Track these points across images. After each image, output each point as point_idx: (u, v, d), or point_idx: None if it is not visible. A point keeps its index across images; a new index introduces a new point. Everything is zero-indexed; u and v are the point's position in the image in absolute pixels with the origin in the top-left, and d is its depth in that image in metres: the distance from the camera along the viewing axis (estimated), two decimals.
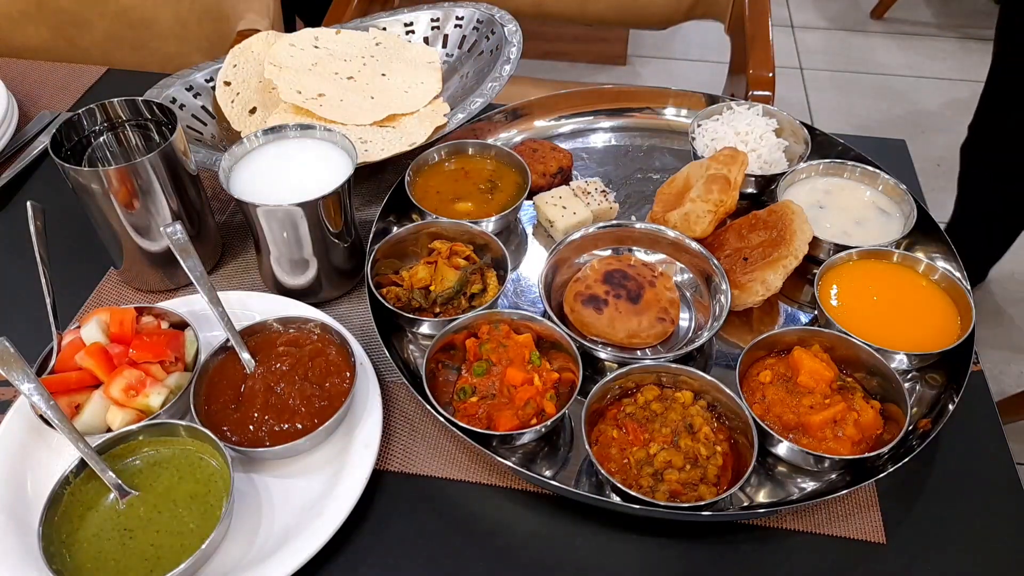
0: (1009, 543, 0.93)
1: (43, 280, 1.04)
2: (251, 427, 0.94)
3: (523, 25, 1.46)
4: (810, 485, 0.96)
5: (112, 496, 0.88)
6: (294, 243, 1.08)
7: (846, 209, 1.27)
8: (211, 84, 1.41)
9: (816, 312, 1.13)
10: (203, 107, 1.39)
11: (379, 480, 0.98)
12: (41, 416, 0.92)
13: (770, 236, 1.14)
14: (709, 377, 0.98)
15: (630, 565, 0.92)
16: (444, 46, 1.52)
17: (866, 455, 0.92)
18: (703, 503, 0.88)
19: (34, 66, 1.71)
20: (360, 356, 1.04)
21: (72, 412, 0.94)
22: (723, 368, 1.09)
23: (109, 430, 0.94)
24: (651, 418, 0.96)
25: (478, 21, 1.50)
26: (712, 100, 1.47)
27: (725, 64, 2.09)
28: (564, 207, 1.26)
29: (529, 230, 1.30)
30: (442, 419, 0.96)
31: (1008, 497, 0.98)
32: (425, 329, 1.10)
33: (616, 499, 0.90)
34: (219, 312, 1.00)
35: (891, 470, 0.92)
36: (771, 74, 1.75)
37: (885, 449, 0.93)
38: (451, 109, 1.34)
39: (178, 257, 1.00)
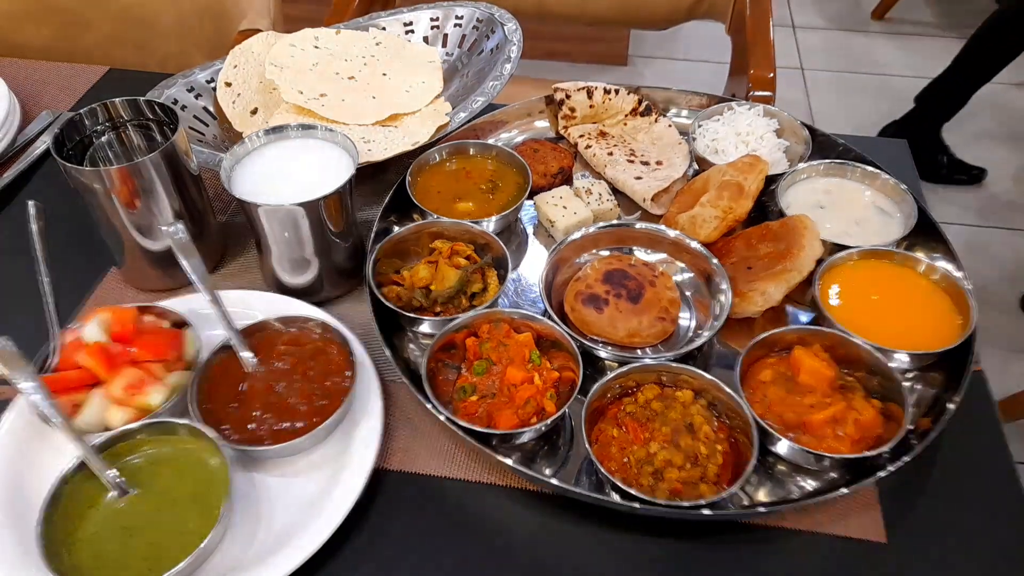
0: (1009, 543, 0.93)
1: (44, 279, 1.04)
2: (251, 426, 0.95)
3: (523, 25, 1.46)
4: (810, 484, 0.96)
5: (112, 495, 0.88)
6: (295, 243, 1.08)
7: (847, 209, 1.27)
8: (212, 85, 1.41)
9: (817, 312, 1.13)
10: (205, 108, 1.40)
11: (379, 479, 0.98)
12: (41, 415, 0.92)
13: (778, 248, 1.14)
14: (709, 376, 0.98)
15: (630, 564, 0.92)
16: (444, 45, 1.53)
17: (866, 454, 0.92)
18: (703, 502, 0.88)
19: (36, 66, 1.71)
20: (360, 355, 1.04)
21: (72, 411, 0.94)
22: (723, 367, 1.09)
23: (109, 429, 0.94)
24: (651, 417, 0.96)
25: (478, 20, 1.50)
26: (713, 100, 1.47)
27: (726, 64, 2.09)
28: (565, 207, 1.26)
29: (530, 230, 1.30)
30: (442, 418, 0.96)
31: (1008, 497, 0.97)
32: (425, 328, 1.10)
33: (616, 498, 0.90)
34: (220, 311, 1.00)
35: (891, 469, 0.92)
36: (772, 74, 1.75)
37: (885, 448, 0.93)
38: (452, 108, 1.34)
39: (179, 257, 1.00)
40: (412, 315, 1.08)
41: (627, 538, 0.94)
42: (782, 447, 0.95)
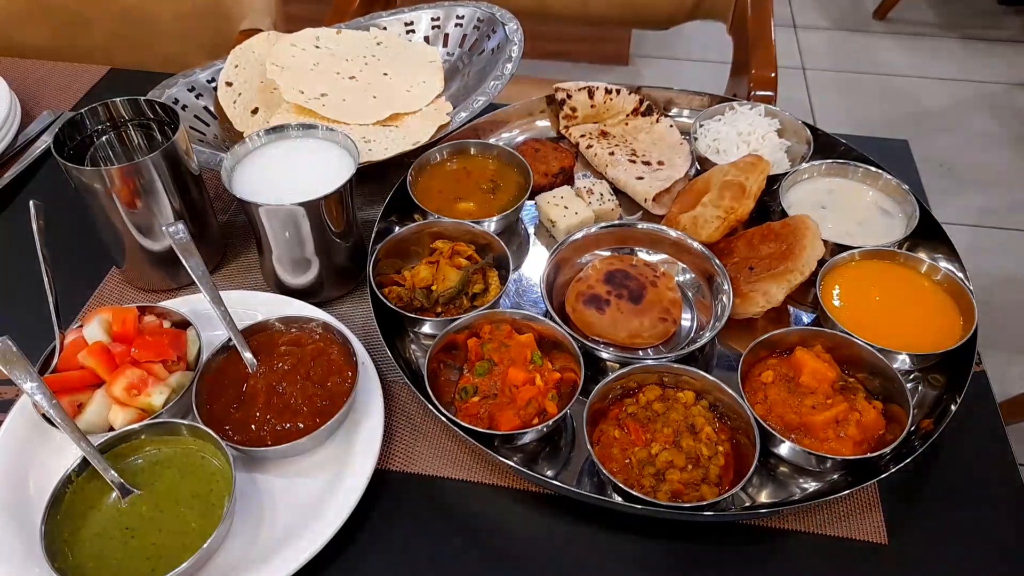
0: (1011, 544, 0.93)
1: (45, 279, 1.04)
2: (253, 426, 0.95)
3: (524, 25, 1.46)
4: (812, 485, 0.96)
5: (114, 495, 0.88)
6: (296, 243, 1.08)
7: (848, 209, 1.26)
8: (213, 85, 1.41)
9: (818, 312, 1.13)
10: (205, 108, 1.40)
11: (381, 480, 0.98)
12: (44, 415, 0.92)
13: (779, 249, 1.13)
14: (711, 377, 0.98)
15: (631, 565, 0.92)
16: (445, 45, 1.52)
17: (868, 455, 0.92)
18: (705, 503, 0.88)
19: (36, 65, 1.71)
20: (362, 355, 1.04)
21: (74, 411, 0.94)
22: (725, 368, 1.09)
23: (111, 429, 0.94)
24: (653, 418, 0.96)
25: (479, 20, 1.50)
26: (714, 100, 1.47)
27: (727, 64, 2.09)
28: (566, 207, 1.26)
29: (531, 230, 1.30)
30: (444, 419, 0.96)
31: (1010, 498, 0.97)
32: (427, 329, 1.10)
33: (618, 499, 0.90)
34: (221, 311, 1.00)
35: (893, 471, 0.92)
36: (773, 74, 1.75)
37: (887, 450, 0.93)
38: (453, 108, 1.34)
39: (180, 257, 1.00)
40: (413, 316, 1.08)
41: (628, 539, 0.94)
42: (784, 449, 0.94)
